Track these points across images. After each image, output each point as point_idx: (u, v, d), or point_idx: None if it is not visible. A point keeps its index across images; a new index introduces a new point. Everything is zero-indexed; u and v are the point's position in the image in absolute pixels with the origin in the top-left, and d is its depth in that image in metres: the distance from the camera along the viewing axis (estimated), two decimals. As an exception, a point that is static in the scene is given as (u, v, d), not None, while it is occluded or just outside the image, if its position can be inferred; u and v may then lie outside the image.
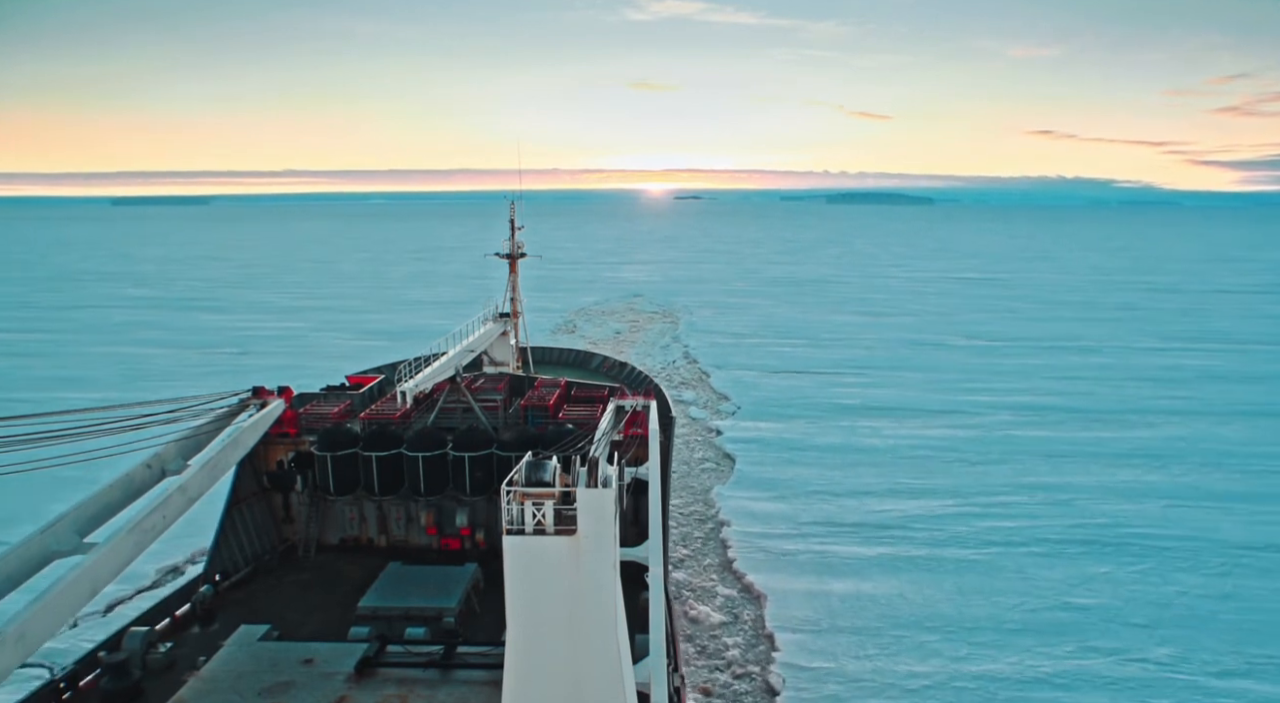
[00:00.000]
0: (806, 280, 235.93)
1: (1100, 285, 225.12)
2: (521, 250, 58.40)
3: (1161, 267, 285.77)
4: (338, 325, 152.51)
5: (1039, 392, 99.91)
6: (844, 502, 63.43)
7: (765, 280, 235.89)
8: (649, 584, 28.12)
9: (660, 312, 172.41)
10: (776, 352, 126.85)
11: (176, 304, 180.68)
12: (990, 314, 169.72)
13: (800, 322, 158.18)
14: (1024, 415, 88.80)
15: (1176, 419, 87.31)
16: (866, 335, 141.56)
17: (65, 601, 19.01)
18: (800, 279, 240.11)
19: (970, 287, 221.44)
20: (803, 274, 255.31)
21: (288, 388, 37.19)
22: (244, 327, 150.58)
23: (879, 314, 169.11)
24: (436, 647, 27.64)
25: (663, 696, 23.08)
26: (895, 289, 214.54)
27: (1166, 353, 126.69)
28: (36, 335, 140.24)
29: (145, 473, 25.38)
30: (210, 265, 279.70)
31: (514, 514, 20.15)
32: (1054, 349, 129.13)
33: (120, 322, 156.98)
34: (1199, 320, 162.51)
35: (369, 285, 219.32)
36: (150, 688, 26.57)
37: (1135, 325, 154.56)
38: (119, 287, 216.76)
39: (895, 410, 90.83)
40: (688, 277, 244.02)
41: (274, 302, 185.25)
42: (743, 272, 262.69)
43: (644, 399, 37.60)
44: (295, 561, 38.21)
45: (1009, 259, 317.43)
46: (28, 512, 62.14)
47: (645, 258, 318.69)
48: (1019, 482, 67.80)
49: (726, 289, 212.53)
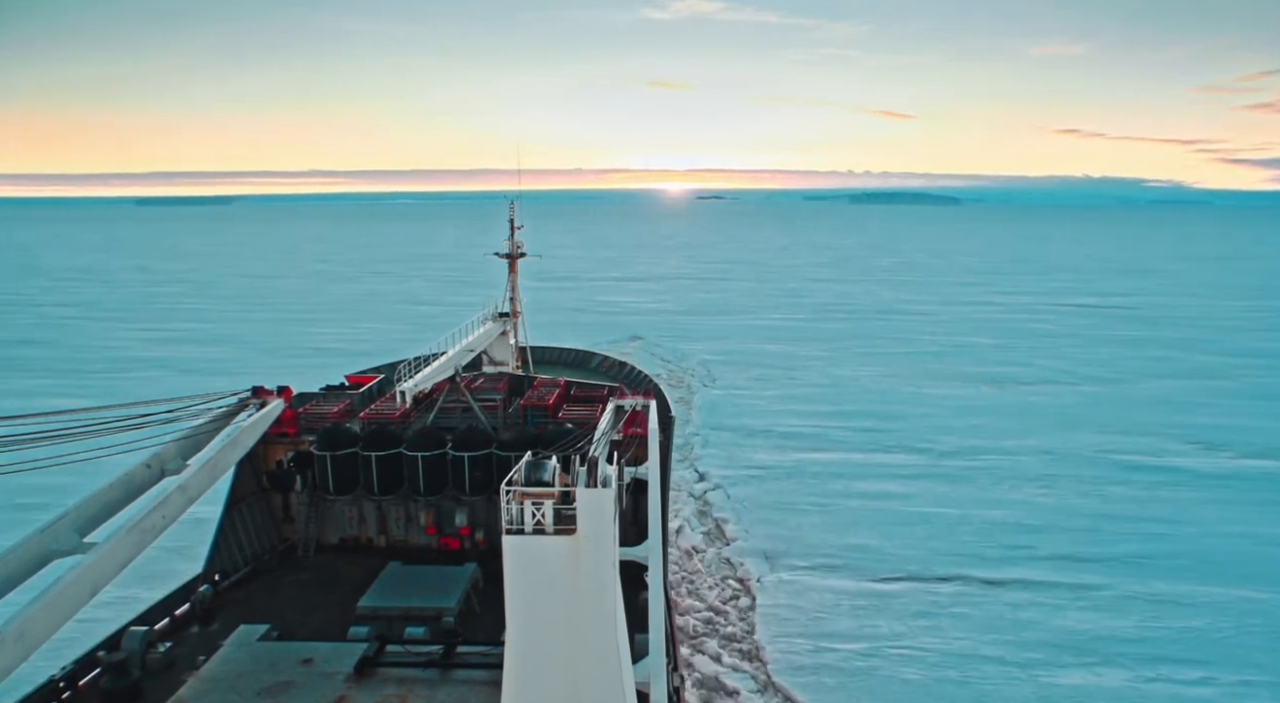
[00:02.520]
0: (868, 310, 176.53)
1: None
2: (521, 250, 58.37)
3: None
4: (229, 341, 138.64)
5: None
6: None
7: (813, 310, 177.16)
8: (648, 584, 28.12)
9: (663, 374, 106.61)
10: (872, 494, 67.71)
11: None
12: (1188, 382, 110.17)
13: (886, 398, 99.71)
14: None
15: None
16: (1014, 437, 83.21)
17: (65, 601, 18.93)
18: (859, 307, 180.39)
19: (1099, 320, 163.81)
20: (859, 298, 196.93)
21: (287, 388, 37.09)
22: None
23: (1006, 381, 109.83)
24: (436, 647, 27.57)
25: (662, 695, 23.07)
26: (1000, 327, 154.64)
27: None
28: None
29: (145, 473, 25.29)
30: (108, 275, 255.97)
31: (513, 514, 20.08)
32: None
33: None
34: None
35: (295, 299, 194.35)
36: (149, 688, 26.49)
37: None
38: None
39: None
40: (708, 303, 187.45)
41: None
42: (780, 294, 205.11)
43: (644, 399, 37.55)
44: (295, 560, 38.08)
45: (1104, 274, 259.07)
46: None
47: (657, 272, 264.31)
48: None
49: (762, 326, 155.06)
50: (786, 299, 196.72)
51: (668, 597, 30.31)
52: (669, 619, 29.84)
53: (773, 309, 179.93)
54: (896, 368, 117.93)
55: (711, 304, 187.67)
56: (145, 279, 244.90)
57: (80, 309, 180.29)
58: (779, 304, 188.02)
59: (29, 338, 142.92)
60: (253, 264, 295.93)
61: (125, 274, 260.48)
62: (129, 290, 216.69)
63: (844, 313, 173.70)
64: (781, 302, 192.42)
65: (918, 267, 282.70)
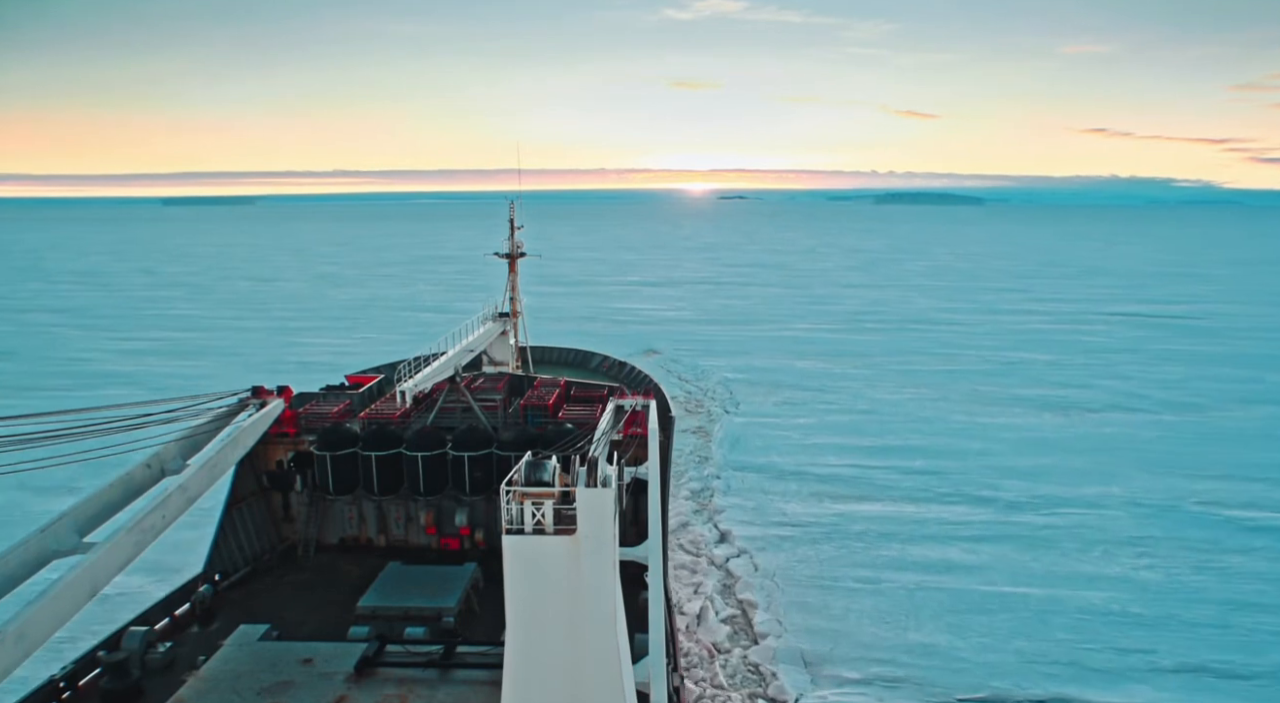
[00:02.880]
0: (902, 318, 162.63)
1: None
2: (521, 250, 58.37)
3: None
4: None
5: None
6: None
7: (843, 319, 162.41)
8: (648, 584, 28.19)
9: (681, 396, 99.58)
10: (933, 565, 55.41)
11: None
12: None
13: (934, 428, 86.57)
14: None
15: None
16: (1093, 483, 70.38)
17: (65, 600, 19.10)
18: (892, 315, 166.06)
19: (1156, 332, 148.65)
20: (891, 305, 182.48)
21: (287, 387, 37.29)
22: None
23: (1068, 407, 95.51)
24: (436, 647, 27.67)
25: (662, 695, 23.31)
26: (1048, 340, 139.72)
27: None
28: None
29: (145, 473, 25.57)
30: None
31: (513, 514, 20.30)
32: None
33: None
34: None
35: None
36: (149, 688, 26.58)
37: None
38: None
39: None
40: (730, 311, 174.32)
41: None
42: (806, 301, 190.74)
43: (644, 399, 37.21)
44: (295, 560, 38.11)
45: (1148, 278, 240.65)
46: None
47: (676, 274, 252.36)
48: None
49: (789, 339, 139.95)
50: (814, 306, 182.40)
51: (668, 597, 30.28)
52: (669, 619, 29.94)
53: (800, 317, 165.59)
54: (942, 390, 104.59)
55: (734, 312, 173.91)
56: (145, 282, 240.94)
57: (66, 316, 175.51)
58: (806, 312, 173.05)
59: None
60: (258, 267, 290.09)
61: (127, 277, 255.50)
62: (124, 295, 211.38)
63: (877, 322, 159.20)
64: (809, 309, 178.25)
65: (950, 271, 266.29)
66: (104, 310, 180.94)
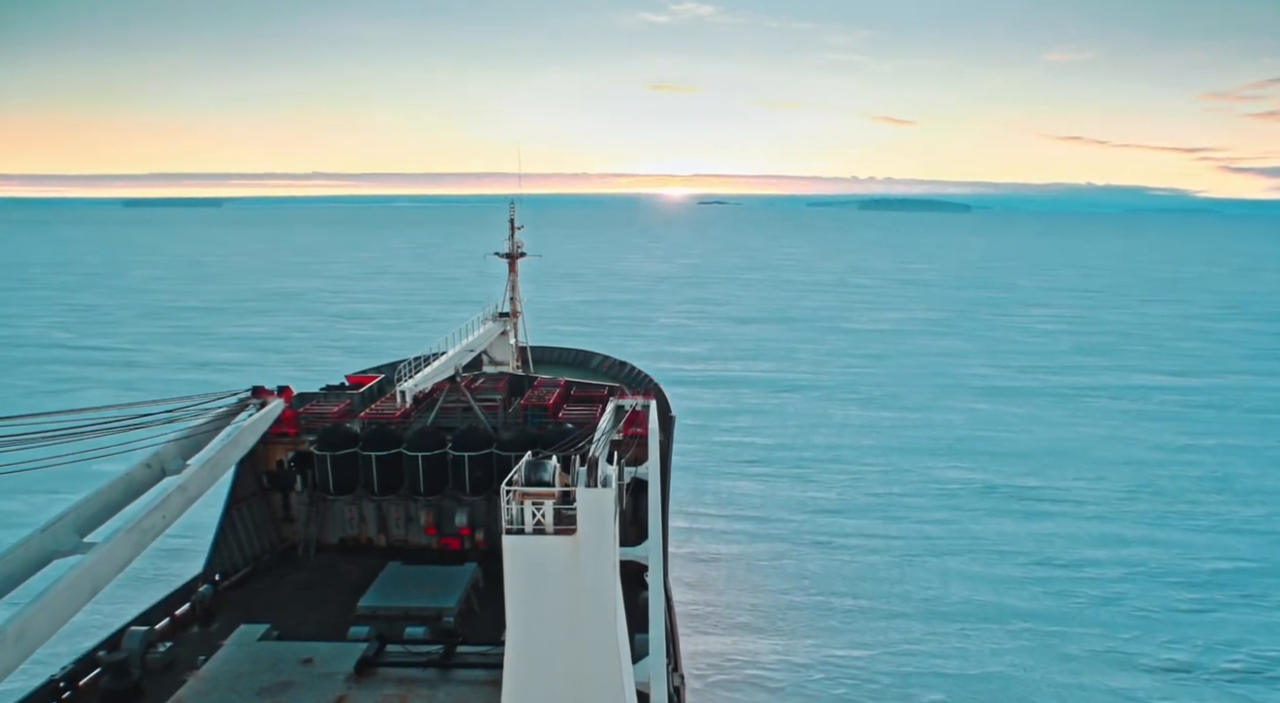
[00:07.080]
0: (1032, 389, 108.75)
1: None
2: (521, 250, 58.85)
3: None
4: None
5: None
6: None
7: (929, 385, 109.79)
8: (648, 584, 28.38)
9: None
10: None
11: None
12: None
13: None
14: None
15: None
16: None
17: (65, 600, 19.12)
18: (992, 384, 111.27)
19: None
20: (971, 357, 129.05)
21: (287, 387, 37.40)
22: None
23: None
24: (436, 647, 27.68)
25: (662, 695, 23.21)
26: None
27: None
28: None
29: (145, 473, 25.57)
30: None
31: (514, 514, 20.29)
32: None
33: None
34: None
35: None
36: (149, 688, 26.55)
37: None
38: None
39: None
40: (732, 352, 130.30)
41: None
42: (848, 348, 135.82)
43: (644, 399, 37.58)
44: (295, 560, 38.27)
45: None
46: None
47: (653, 316, 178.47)
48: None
49: (829, 421, 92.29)
50: (860, 361, 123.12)
51: (668, 597, 30.34)
52: (669, 619, 29.96)
53: (837, 385, 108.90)
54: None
55: (742, 353, 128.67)
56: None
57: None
58: (844, 379, 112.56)
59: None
60: (180, 280, 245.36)
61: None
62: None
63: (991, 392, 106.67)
64: (852, 363, 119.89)
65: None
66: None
